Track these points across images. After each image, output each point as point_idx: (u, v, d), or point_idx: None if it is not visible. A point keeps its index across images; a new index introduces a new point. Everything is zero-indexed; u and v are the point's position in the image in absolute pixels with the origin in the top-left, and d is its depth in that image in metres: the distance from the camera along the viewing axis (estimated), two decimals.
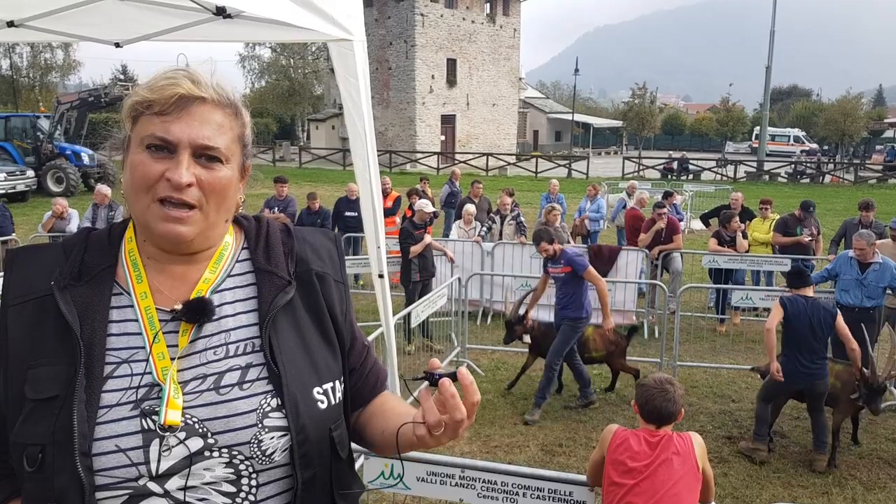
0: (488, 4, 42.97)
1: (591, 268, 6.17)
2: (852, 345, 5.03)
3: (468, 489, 3.17)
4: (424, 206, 8.03)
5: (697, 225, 16.32)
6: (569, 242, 9.98)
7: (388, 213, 10.03)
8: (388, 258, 3.63)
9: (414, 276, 7.76)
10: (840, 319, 5.14)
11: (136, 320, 1.15)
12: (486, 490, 3.14)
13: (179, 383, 1.11)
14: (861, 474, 5.09)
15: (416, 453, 3.41)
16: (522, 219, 10.00)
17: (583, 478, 3.13)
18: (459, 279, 7.65)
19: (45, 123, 22.77)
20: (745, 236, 9.00)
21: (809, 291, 5.26)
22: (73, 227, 9.54)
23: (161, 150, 1.11)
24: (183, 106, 1.11)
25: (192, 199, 1.12)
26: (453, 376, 1.10)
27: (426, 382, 1.12)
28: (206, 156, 1.13)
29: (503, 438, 5.69)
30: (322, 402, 1.19)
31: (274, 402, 1.14)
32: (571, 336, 6.14)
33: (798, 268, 6.05)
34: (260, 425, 1.12)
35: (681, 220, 11.36)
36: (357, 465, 3.81)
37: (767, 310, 8.64)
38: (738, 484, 4.96)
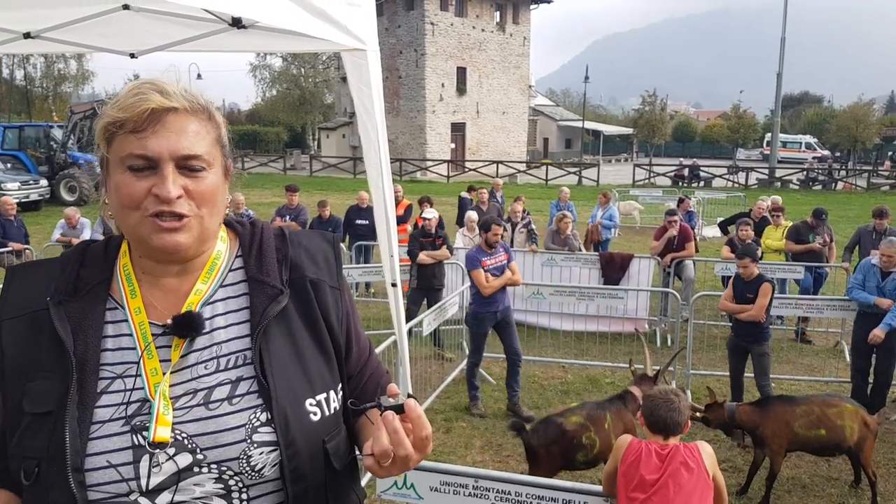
0: (498, 13, 43.08)
1: None
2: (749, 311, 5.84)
3: (482, 499, 3.15)
4: (432, 215, 8.07)
5: (709, 232, 16.25)
6: (580, 250, 9.96)
7: (399, 221, 10.03)
8: (400, 266, 3.62)
9: (413, 284, 7.77)
10: (765, 286, 5.85)
11: (131, 335, 1.15)
12: (500, 500, 3.12)
13: (171, 398, 1.11)
14: (878, 484, 5.01)
15: (428, 463, 3.39)
16: (533, 226, 9.98)
17: (598, 488, 3.11)
18: (470, 288, 7.62)
19: (58, 133, 22.97)
20: (757, 244, 8.95)
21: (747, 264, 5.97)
22: (85, 235, 9.62)
23: (143, 169, 1.09)
24: (156, 120, 1.10)
25: (183, 209, 1.11)
26: (400, 408, 1.07)
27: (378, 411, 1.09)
28: (188, 165, 1.12)
29: (515, 448, 5.64)
30: (315, 413, 1.18)
31: (263, 417, 1.13)
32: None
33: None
34: (249, 441, 1.11)
35: (693, 226, 11.29)
36: (370, 474, 3.81)
37: (781, 318, 8.61)
38: (753, 494, 4.91)
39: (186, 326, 1.14)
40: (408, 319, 5.59)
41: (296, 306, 1.23)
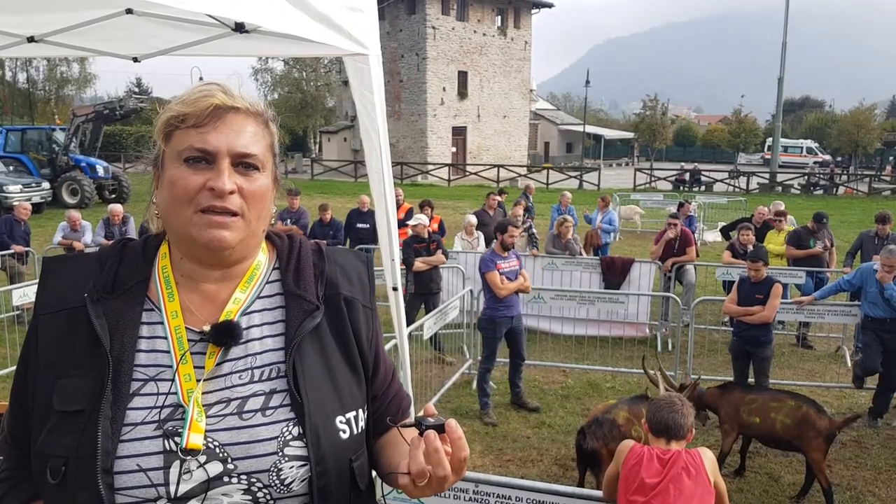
0: (499, 17, 43.12)
1: None
2: (761, 312, 5.87)
3: None
4: (421, 220, 8.07)
5: (710, 237, 16.25)
6: (581, 254, 9.96)
7: (400, 224, 10.02)
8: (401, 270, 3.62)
9: (410, 289, 7.77)
10: (777, 287, 5.98)
11: (166, 338, 1.14)
12: None
13: (203, 406, 1.10)
14: (880, 490, 5.02)
15: None
16: (534, 230, 9.98)
17: (598, 493, 3.11)
18: (471, 291, 7.63)
19: (60, 136, 22.99)
20: None
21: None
22: (86, 239, 9.64)
23: (200, 162, 1.11)
24: (219, 116, 1.13)
25: (234, 206, 1.12)
26: (441, 428, 1.06)
27: (416, 429, 1.08)
28: (243, 163, 1.14)
29: (515, 452, 5.65)
30: (344, 431, 1.18)
31: (295, 431, 1.12)
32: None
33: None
34: (280, 454, 1.10)
35: (694, 230, 11.29)
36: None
37: (782, 322, 8.60)
38: (754, 500, 4.91)
39: (225, 335, 1.14)
40: (406, 324, 5.58)
41: (329, 323, 1.24)
